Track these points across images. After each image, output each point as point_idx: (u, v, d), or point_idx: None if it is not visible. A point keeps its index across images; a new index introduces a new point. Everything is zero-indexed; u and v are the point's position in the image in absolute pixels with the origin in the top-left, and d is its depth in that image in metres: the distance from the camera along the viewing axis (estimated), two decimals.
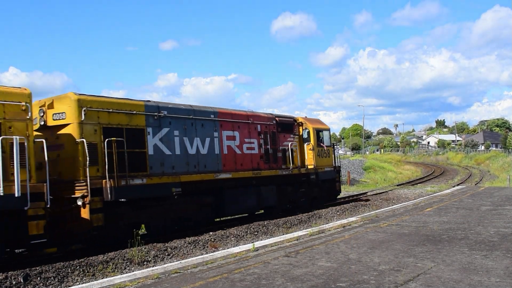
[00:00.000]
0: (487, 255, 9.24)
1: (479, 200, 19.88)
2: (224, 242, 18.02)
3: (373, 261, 9.04)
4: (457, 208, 17.31)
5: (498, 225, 13.04)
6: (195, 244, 17.14)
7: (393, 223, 14.19)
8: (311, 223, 21.36)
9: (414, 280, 7.62)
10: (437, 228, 12.84)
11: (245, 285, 7.69)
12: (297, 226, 20.96)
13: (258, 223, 20.56)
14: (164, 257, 15.68)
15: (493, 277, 7.61)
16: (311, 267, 8.74)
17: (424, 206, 18.77)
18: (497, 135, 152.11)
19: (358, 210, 24.98)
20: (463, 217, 14.83)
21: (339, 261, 9.18)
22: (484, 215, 15.21)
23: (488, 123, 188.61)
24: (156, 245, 16.26)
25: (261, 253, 10.47)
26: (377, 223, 14.31)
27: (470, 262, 8.67)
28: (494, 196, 21.27)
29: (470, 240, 10.94)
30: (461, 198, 21.14)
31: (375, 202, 28.13)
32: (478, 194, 22.44)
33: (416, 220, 14.75)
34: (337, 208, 25.46)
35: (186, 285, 7.88)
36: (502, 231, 12.03)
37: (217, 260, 9.91)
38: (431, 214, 15.96)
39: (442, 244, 10.57)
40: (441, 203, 19.24)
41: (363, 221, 15.11)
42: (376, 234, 12.29)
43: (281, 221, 21.48)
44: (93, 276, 13.32)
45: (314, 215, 23.40)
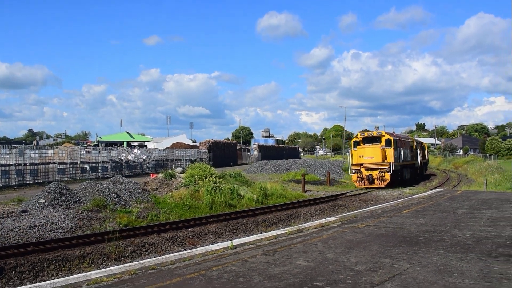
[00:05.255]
0: (462, 257, 9.36)
1: (456, 203, 20.12)
2: (203, 239, 18.00)
3: (350, 261, 9.10)
4: (434, 211, 17.50)
5: (473, 228, 13.22)
6: (173, 241, 17.10)
7: (371, 224, 14.29)
8: (290, 222, 21.43)
9: (390, 280, 7.69)
10: (414, 230, 12.96)
11: (222, 282, 7.69)
12: (276, 225, 21.03)
13: (237, 221, 20.59)
14: (142, 253, 15.62)
15: (467, 279, 7.71)
16: (288, 266, 8.77)
17: (402, 208, 18.94)
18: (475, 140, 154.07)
19: (337, 210, 25.12)
20: (439, 220, 14.99)
21: (317, 260, 9.23)
22: (460, 218, 15.39)
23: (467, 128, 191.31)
24: (133, 241, 16.18)
25: (239, 251, 10.47)
26: (355, 224, 14.40)
27: (445, 264, 8.77)
28: (470, 199, 21.53)
29: (446, 242, 11.07)
30: (439, 201, 21.36)
31: (354, 203, 28.31)
32: (455, 198, 22.70)
33: (394, 221, 14.88)
34: (316, 207, 25.58)
35: (163, 281, 7.86)
36: (478, 234, 12.19)
37: (195, 257, 9.89)
38: (409, 216, 16.11)
39: (418, 245, 10.68)
40: (419, 206, 19.43)
41: (341, 221, 15.20)
42: (354, 235, 12.37)
43: (260, 219, 21.53)
44: (69, 271, 13.22)
45: (293, 214, 23.48)
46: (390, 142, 35.80)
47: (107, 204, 20.45)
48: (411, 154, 42.99)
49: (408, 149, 41.75)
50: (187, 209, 22.46)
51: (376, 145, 35.73)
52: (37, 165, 34.72)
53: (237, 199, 25.70)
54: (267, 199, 27.96)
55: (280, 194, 29.57)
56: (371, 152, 35.45)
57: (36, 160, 35.46)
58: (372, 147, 35.75)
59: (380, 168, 34.70)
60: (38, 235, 15.73)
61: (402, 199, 24.93)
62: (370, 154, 35.42)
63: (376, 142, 36.12)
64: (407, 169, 41.01)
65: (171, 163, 54.07)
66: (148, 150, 56.55)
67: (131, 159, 48.14)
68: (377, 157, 35.10)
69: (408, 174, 41.41)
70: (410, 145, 43.81)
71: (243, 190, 27.85)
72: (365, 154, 35.63)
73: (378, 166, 34.84)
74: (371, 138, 36.81)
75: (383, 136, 36.30)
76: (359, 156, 35.90)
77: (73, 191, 21.25)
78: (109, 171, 43.09)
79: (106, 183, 24.05)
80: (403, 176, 39.19)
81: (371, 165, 35.19)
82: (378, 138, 36.33)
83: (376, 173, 34.91)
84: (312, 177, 45.74)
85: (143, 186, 25.56)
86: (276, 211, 23.58)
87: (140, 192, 23.30)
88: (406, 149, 40.85)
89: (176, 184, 27.02)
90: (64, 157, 39.05)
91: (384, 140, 35.99)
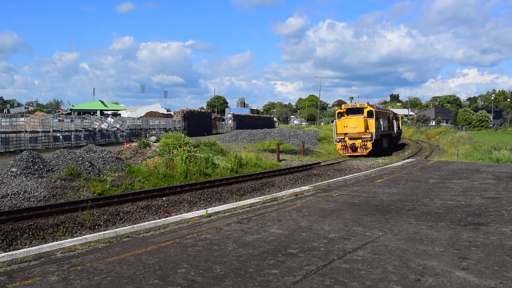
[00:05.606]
0: (433, 225, 9.56)
1: (428, 173, 20.45)
2: (177, 208, 18.03)
3: (323, 229, 9.22)
4: (406, 180, 17.77)
5: (444, 197, 13.48)
6: (148, 209, 17.10)
7: (344, 193, 14.46)
8: (265, 191, 21.58)
9: (362, 248, 7.83)
10: (386, 199, 13.17)
11: (197, 250, 7.74)
12: (251, 193, 21.15)
13: (212, 190, 20.64)
14: (116, 222, 15.61)
15: (437, 247, 7.89)
16: (262, 234, 8.85)
17: (375, 177, 19.19)
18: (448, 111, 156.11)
19: (311, 180, 25.35)
20: (411, 189, 15.24)
21: (291, 228, 9.33)
22: (432, 188, 15.67)
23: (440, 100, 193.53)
24: (108, 210, 16.14)
25: (214, 219, 10.52)
26: (328, 193, 14.56)
27: (416, 232, 8.95)
28: (442, 170, 21.91)
29: (417, 211, 11.27)
30: (411, 171, 21.69)
31: (328, 172, 28.58)
32: (427, 168, 23.07)
33: (367, 190, 15.08)
34: (290, 177, 25.76)
35: (138, 249, 7.87)
36: (448, 203, 12.45)
37: (170, 225, 9.91)
38: (381, 185, 16.34)
39: (390, 214, 10.86)
40: (391, 175, 19.71)
41: (315, 190, 15.34)
42: (328, 203, 12.52)
43: (235, 188, 21.61)
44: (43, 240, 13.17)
45: (267, 183, 23.62)
46: (372, 113, 38.40)
47: (80, 173, 20.29)
48: (388, 125, 45.46)
49: (385, 120, 44.36)
50: (162, 178, 22.43)
51: (359, 116, 38.25)
52: (8, 133, 34.19)
53: (212, 168, 25.73)
54: (242, 168, 28.05)
55: (255, 164, 29.70)
56: (354, 122, 37.93)
57: (8, 129, 34.90)
58: (355, 118, 38.26)
59: (363, 138, 37.19)
60: (11, 204, 15.58)
61: (375, 168, 25.25)
62: (353, 124, 37.81)
63: (359, 113, 38.67)
64: (385, 138, 43.88)
65: (145, 132, 53.71)
66: (122, 119, 55.99)
67: (105, 128, 47.68)
68: (360, 127, 37.49)
69: (386, 143, 44.30)
70: (387, 116, 46.42)
71: (218, 159, 27.89)
72: (349, 124, 37.98)
73: (361, 136, 37.33)
74: (354, 109, 39.54)
75: (366, 107, 38.98)
76: (343, 126, 38.30)
77: (46, 160, 21.00)
78: (83, 140, 42.65)
79: (79, 151, 23.82)
80: (382, 145, 41.90)
81: (354, 135, 37.54)
82: (361, 109, 38.99)
83: (359, 142, 37.43)
84: (286, 146, 45.94)
85: (117, 155, 25.38)
86: (251, 180, 23.69)
87: (114, 161, 23.14)
88: (384, 120, 43.49)
89: (151, 153, 26.89)
90: (36, 125, 38.47)
91: (366, 112, 38.48)
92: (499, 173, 20.41)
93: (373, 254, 7.44)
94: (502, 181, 17.55)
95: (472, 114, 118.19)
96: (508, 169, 22.39)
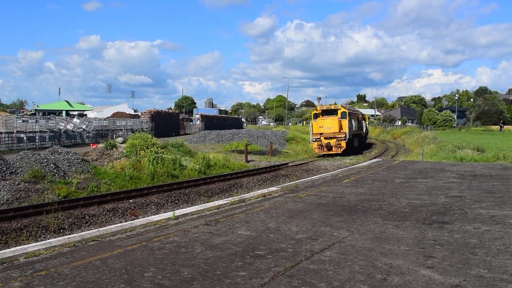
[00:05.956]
0: (399, 225, 9.69)
1: (394, 173, 20.73)
2: (144, 210, 17.88)
3: (291, 230, 9.25)
4: (373, 180, 17.98)
5: (410, 197, 13.68)
6: (114, 212, 16.91)
7: (312, 194, 14.54)
8: (233, 193, 21.57)
9: (329, 248, 7.88)
10: (353, 199, 13.29)
11: (164, 253, 7.67)
12: (219, 195, 21.11)
13: (180, 192, 20.53)
14: (82, 225, 15.38)
15: (403, 246, 8.00)
16: (230, 236, 8.83)
17: (342, 177, 19.36)
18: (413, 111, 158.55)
19: (279, 180, 25.45)
20: (378, 189, 15.42)
21: (259, 230, 9.34)
22: (398, 187, 15.88)
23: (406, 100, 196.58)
24: (73, 213, 15.90)
25: (181, 222, 10.46)
26: (296, 193, 14.62)
27: (382, 232, 9.06)
28: (407, 169, 22.23)
29: (384, 210, 11.41)
30: (377, 170, 21.95)
31: (296, 173, 28.73)
32: (393, 167, 23.38)
33: (334, 191, 15.20)
34: (258, 178, 25.81)
35: (104, 253, 7.76)
36: (413, 202, 12.63)
37: (137, 228, 9.81)
38: (348, 186, 16.49)
39: (357, 214, 10.97)
40: (358, 175, 19.91)
41: (283, 191, 15.39)
42: (295, 204, 12.57)
43: (203, 189, 21.54)
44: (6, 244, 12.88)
45: (235, 184, 23.61)
46: (345, 114, 41.48)
47: (45, 175, 19.93)
48: (357, 125, 48.46)
49: (356, 120, 47.41)
50: (129, 179, 22.22)
51: (334, 117, 41.02)
52: None
53: (179, 169, 25.62)
54: (209, 169, 28.00)
55: (223, 165, 29.68)
56: (329, 123, 40.51)
57: None
58: (330, 118, 40.94)
59: (337, 137, 39.91)
60: None
61: (342, 169, 25.46)
62: (328, 125, 40.43)
63: (333, 114, 41.43)
64: (356, 138, 47.03)
65: (112, 133, 53.08)
66: (88, 119, 55.18)
67: (70, 129, 46.93)
68: (335, 127, 40.11)
69: (357, 142, 47.71)
70: (357, 116, 49.66)
71: (185, 161, 27.76)
72: (324, 124, 40.59)
73: (336, 135, 39.93)
74: (329, 111, 42.38)
75: (339, 109, 42.25)
76: (319, 126, 40.93)
77: (9, 162, 20.55)
78: (47, 141, 41.87)
79: (44, 153, 23.39)
80: (353, 144, 44.78)
81: (329, 134, 40.13)
82: (335, 111, 41.97)
83: (333, 141, 40.12)
84: (254, 147, 46.02)
85: (83, 157, 25.03)
86: (219, 181, 23.66)
87: (79, 163, 22.81)
88: (355, 121, 46.63)
89: (117, 154, 26.60)
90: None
91: (340, 113, 41.39)
92: (462, 172, 20.81)
93: (340, 254, 7.50)
94: (466, 179, 17.90)
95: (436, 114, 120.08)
96: (472, 168, 22.86)
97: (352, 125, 43.96)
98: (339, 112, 41.66)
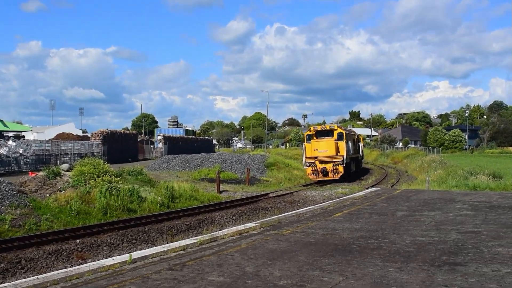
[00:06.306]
0: (402, 267, 9.65)
1: (395, 204, 20.79)
2: (94, 252, 17.63)
3: (273, 275, 9.16)
4: (370, 214, 18.00)
5: (414, 233, 13.69)
6: (57, 255, 16.63)
7: (297, 230, 14.48)
8: (202, 230, 21.44)
9: None
10: (347, 237, 13.26)
11: None
12: (185, 233, 20.97)
13: (138, 229, 20.34)
14: (17, 272, 15.08)
15: None
16: (199, 283, 8.71)
17: (334, 210, 19.35)
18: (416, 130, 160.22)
19: (258, 214, 25.39)
20: (376, 224, 15.42)
21: (234, 275, 9.23)
22: (400, 221, 15.91)
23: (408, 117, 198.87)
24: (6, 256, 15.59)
25: (140, 266, 10.30)
26: (279, 230, 14.55)
27: (383, 276, 9.01)
28: (411, 200, 22.32)
29: (384, 250, 11.39)
30: (375, 201, 22.01)
31: (278, 205, 28.70)
32: (394, 198, 23.46)
33: (324, 226, 15.16)
34: (233, 211, 25.72)
35: None
36: (419, 240, 12.64)
37: (85, 274, 9.63)
38: (341, 220, 16.47)
39: (352, 254, 10.92)
40: (353, 208, 19.93)
41: (263, 227, 15.31)
42: (278, 243, 12.49)
43: (166, 226, 21.37)
44: None
45: (205, 219, 23.48)
46: (342, 135, 42.96)
47: None
48: (354, 147, 49.57)
49: (352, 142, 48.58)
50: (76, 215, 21.97)
51: (330, 139, 42.49)
52: None
53: (137, 202, 25.43)
54: (174, 202, 27.84)
55: (190, 196, 29.56)
56: (325, 145, 42.00)
57: None
58: (326, 140, 42.46)
59: (334, 161, 41.14)
60: None
61: (333, 200, 25.50)
62: (324, 148, 41.91)
63: (329, 136, 42.96)
64: (353, 162, 48.52)
65: (55, 158, 52.57)
66: (26, 142, 54.60)
67: (4, 154, 46.37)
68: (331, 150, 41.49)
69: (354, 167, 49.34)
70: (353, 138, 50.81)
71: (145, 192, 27.59)
72: (319, 147, 42.05)
73: (332, 159, 41.16)
74: (324, 131, 43.95)
75: (336, 130, 43.82)
76: (313, 149, 42.33)
77: None
78: None
79: None
80: (351, 168, 46.25)
81: (325, 158, 41.38)
82: (331, 131, 43.49)
83: (330, 165, 41.33)
84: (228, 175, 45.96)
85: (19, 187, 24.67)
86: (186, 216, 23.53)
87: (15, 195, 22.48)
88: (351, 142, 47.86)
89: (62, 184, 26.31)
90: None
91: (336, 134, 42.92)
92: (477, 202, 20.97)
93: None
94: (481, 212, 18.02)
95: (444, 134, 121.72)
96: (487, 197, 23.04)
97: (349, 148, 45.13)
98: (335, 133, 42.90)
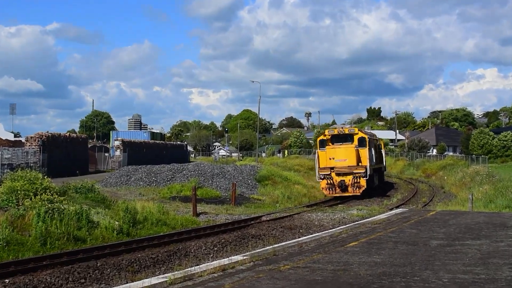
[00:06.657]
0: None
1: (428, 230, 20.77)
2: None
3: None
4: (395, 243, 17.96)
5: (454, 269, 13.66)
6: None
7: (299, 265, 14.44)
8: (173, 265, 21.34)
9: None
10: (364, 274, 13.21)
11: None
12: (151, 269, 20.85)
13: (87, 264, 20.23)
14: None
15: None
16: None
17: (347, 238, 19.32)
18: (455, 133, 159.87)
19: (247, 244, 25.30)
20: (404, 257, 15.38)
21: None
22: (435, 253, 15.88)
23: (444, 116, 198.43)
24: None
25: None
26: (275, 265, 14.50)
27: None
28: (449, 225, 22.31)
29: None
30: (402, 227, 21.99)
31: (274, 231, 28.63)
32: (426, 222, 23.44)
33: (335, 260, 15.11)
34: (214, 240, 25.62)
35: None
36: (461, 277, 12.60)
37: None
38: (357, 252, 16.43)
39: None
40: (372, 235, 19.90)
41: (253, 261, 15.26)
42: (274, 282, 12.43)
43: (125, 260, 21.24)
44: None
45: (178, 251, 23.39)
46: (364, 141, 43.78)
47: None
48: (376, 156, 49.73)
49: (374, 149, 48.70)
50: (5, 246, 21.85)
51: (349, 145, 43.34)
52: None
53: (87, 228, 25.32)
54: (136, 228, 27.74)
55: (158, 220, 29.49)
56: (343, 153, 42.79)
57: None
58: (344, 147, 43.31)
59: (355, 173, 41.73)
60: None
61: (347, 225, 25.46)
62: (342, 156, 42.67)
63: (348, 141, 43.91)
64: (376, 174, 48.91)
65: None
66: None
67: None
68: (351, 159, 42.22)
69: (377, 180, 49.58)
70: (375, 144, 51.09)
71: (97, 215, 27.51)
72: (336, 156, 42.83)
73: (352, 170, 41.82)
74: (341, 136, 44.92)
75: (356, 134, 44.53)
76: (328, 158, 43.19)
77: None
78: None
79: None
80: (374, 182, 46.96)
81: (343, 169, 42.14)
82: (350, 136, 44.32)
83: (349, 178, 41.92)
84: (208, 192, 45.88)
85: None
86: (151, 247, 23.46)
87: None
88: (374, 149, 48.25)
89: None
90: None
91: (357, 139, 43.71)
92: None
93: None
94: None
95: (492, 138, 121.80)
96: None
97: (373, 156, 45.55)
98: (356, 138, 43.45)
